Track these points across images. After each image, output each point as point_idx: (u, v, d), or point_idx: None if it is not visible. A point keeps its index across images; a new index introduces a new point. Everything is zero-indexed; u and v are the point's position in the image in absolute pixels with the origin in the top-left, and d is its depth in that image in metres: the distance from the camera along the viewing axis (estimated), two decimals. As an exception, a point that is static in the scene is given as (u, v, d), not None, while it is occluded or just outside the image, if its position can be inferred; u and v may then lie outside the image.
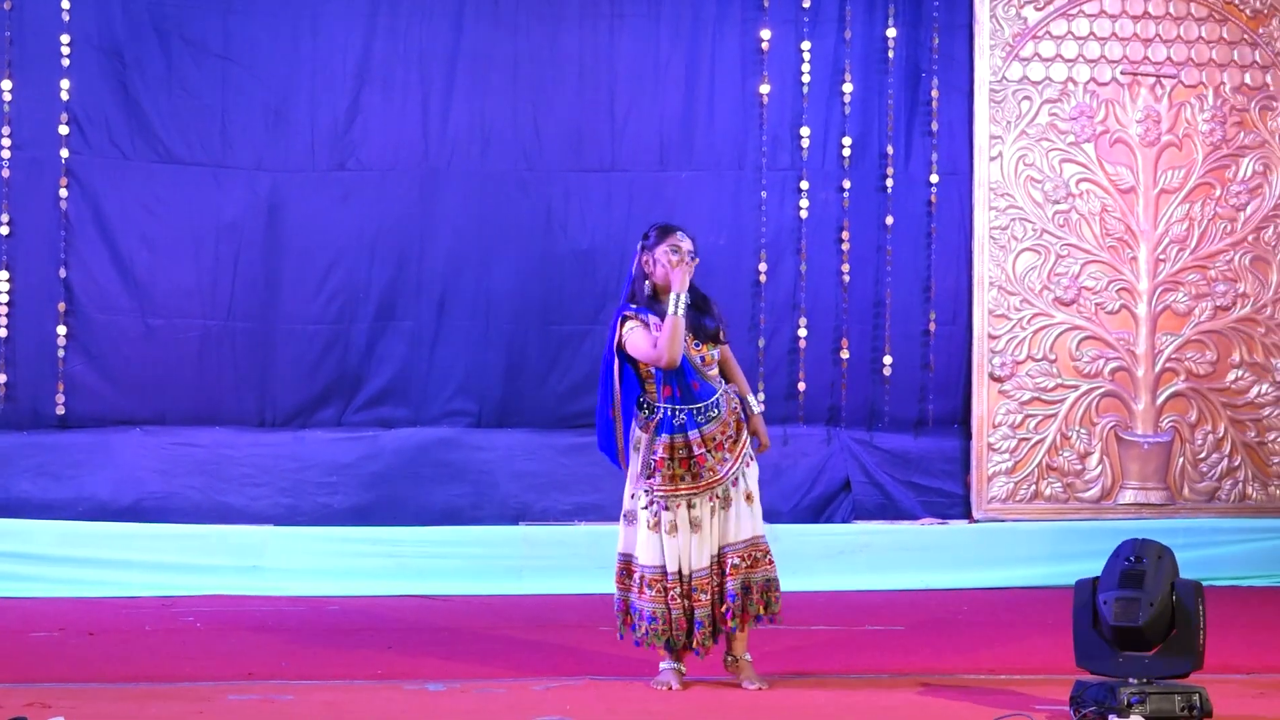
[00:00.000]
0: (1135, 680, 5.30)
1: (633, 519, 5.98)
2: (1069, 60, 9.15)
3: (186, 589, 8.11)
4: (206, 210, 8.69)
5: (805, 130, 9.02)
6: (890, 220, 9.10)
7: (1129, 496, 9.14)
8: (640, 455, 5.92)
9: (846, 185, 9.06)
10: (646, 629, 5.91)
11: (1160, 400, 9.19)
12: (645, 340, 5.85)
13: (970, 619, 7.82)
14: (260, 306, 8.74)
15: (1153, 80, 9.20)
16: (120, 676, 6.10)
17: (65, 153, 8.53)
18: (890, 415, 9.11)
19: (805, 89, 9.03)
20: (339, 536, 8.49)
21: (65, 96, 8.52)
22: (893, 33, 9.09)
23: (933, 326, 9.13)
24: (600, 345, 7.62)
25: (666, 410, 5.90)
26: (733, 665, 6.01)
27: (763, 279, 9.00)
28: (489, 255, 8.88)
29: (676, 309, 5.80)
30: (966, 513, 9.07)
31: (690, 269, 5.87)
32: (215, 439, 8.66)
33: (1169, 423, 9.19)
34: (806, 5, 9.01)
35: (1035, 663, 6.52)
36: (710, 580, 5.89)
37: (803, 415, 9.04)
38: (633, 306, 5.97)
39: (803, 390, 9.03)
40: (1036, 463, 9.11)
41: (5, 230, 8.51)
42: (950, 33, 9.13)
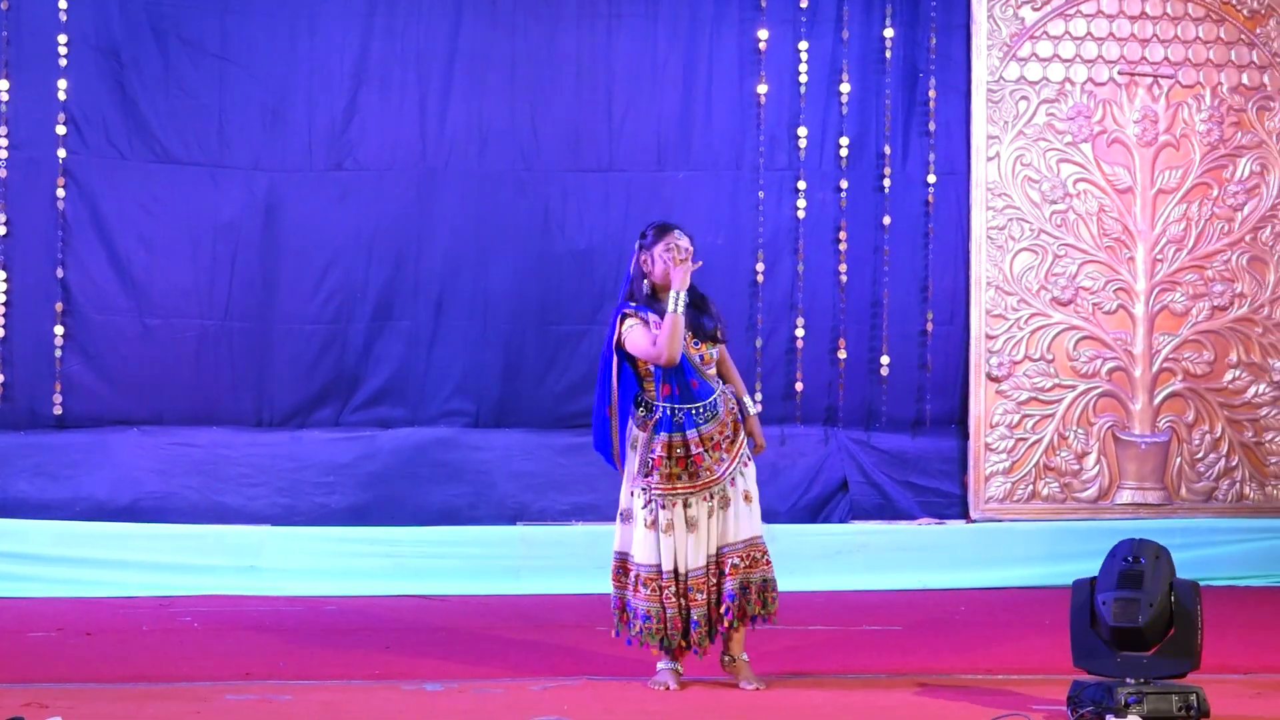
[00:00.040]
0: (1132, 680, 5.30)
1: (629, 518, 5.98)
2: (1066, 60, 9.15)
3: (184, 589, 8.11)
4: (204, 210, 8.69)
5: (803, 130, 9.02)
6: (888, 220, 9.10)
7: (1126, 496, 9.15)
8: (638, 454, 5.92)
9: (844, 185, 9.06)
10: (641, 627, 5.91)
11: (1158, 400, 9.19)
12: (645, 338, 5.85)
13: (968, 619, 7.82)
14: (258, 306, 8.74)
15: (1150, 80, 9.20)
16: (118, 676, 6.10)
17: (62, 153, 8.53)
18: (888, 415, 9.11)
19: (803, 89, 9.04)
20: (336, 536, 8.49)
21: (62, 96, 8.52)
22: (890, 33, 9.09)
23: (930, 326, 9.13)
24: (598, 345, 7.62)
25: (665, 409, 5.90)
26: (730, 665, 6.01)
27: (760, 279, 9.00)
28: (487, 255, 8.88)
29: (676, 306, 5.80)
30: (964, 513, 9.07)
31: (690, 266, 5.87)
32: (213, 439, 8.66)
33: (1166, 423, 9.19)
34: (804, 5, 9.01)
35: (1032, 663, 6.52)
36: (706, 580, 5.89)
37: (800, 415, 9.05)
38: (632, 304, 5.97)
39: (800, 390, 9.03)
40: (1034, 463, 9.11)
41: (2, 230, 8.51)
42: (948, 33, 9.13)
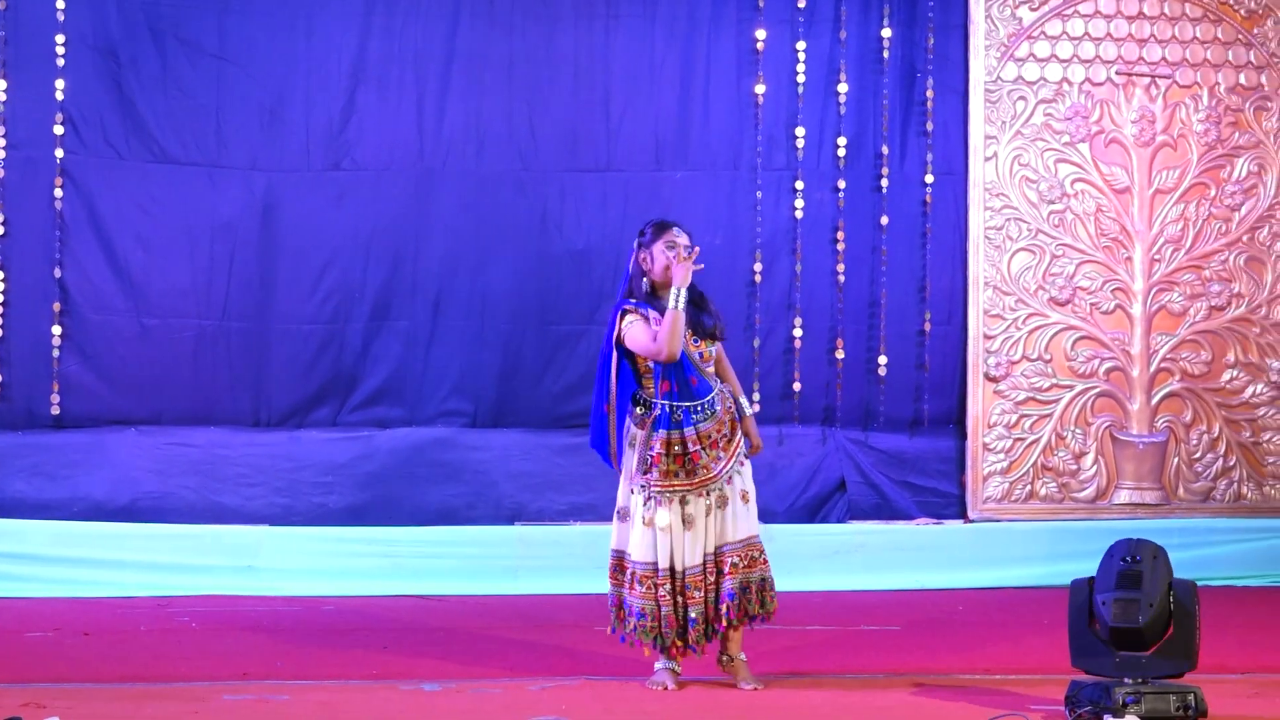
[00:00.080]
0: (1130, 680, 5.30)
1: (626, 516, 5.98)
2: (1064, 60, 9.16)
3: (182, 589, 8.11)
4: (201, 210, 8.68)
5: (800, 130, 9.02)
6: (885, 220, 9.10)
7: (1124, 496, 9.15)
8: (636, 451, 5.92)
9: (842, 185, 9.06)
10: (635, 624, 5.91)
11: (1155, 400, 9.19)
12: (645, 334, 5.85)
13: (965, 619, 7.82)
14: (255, 306, 8.73)
15: (1148, 80, 9.20)
16: (115, 676, 6.10)
17: (60, 152, 8.53)
18: (885, 415, 9.11)
19: (800, 89, 9.04)
20: (334, 536, 8.49)
21: (60, 96, 8.51)
22: (888, 33, 9.09)
23: (928, 326, 9.13)
24: (596, 345, 7.62)
25: (663, 406, 5.90)
26: (728, 665, 6.01)
27: (758, 279, 9.00)
28: (484, 255, 8.87)
29: (677, 303, 5.80)
30: (962, 513, 9.07)
31: (691, 264, 5.87)
32: (210, 439, 8.66)
33: (1164, 423, 9.19)
34: (801, 5, 9.01)
35: (1030, 662, 6.52)
36: (704, 578, 5.89)
37: (798, 415, 9.05)
38: (632, 301, 5.97)
39: (798, 390, 9.03)
40: (1032, 463, 9.11)
41: (0, 230, 8.51)
42: (945, 33, 9.14)
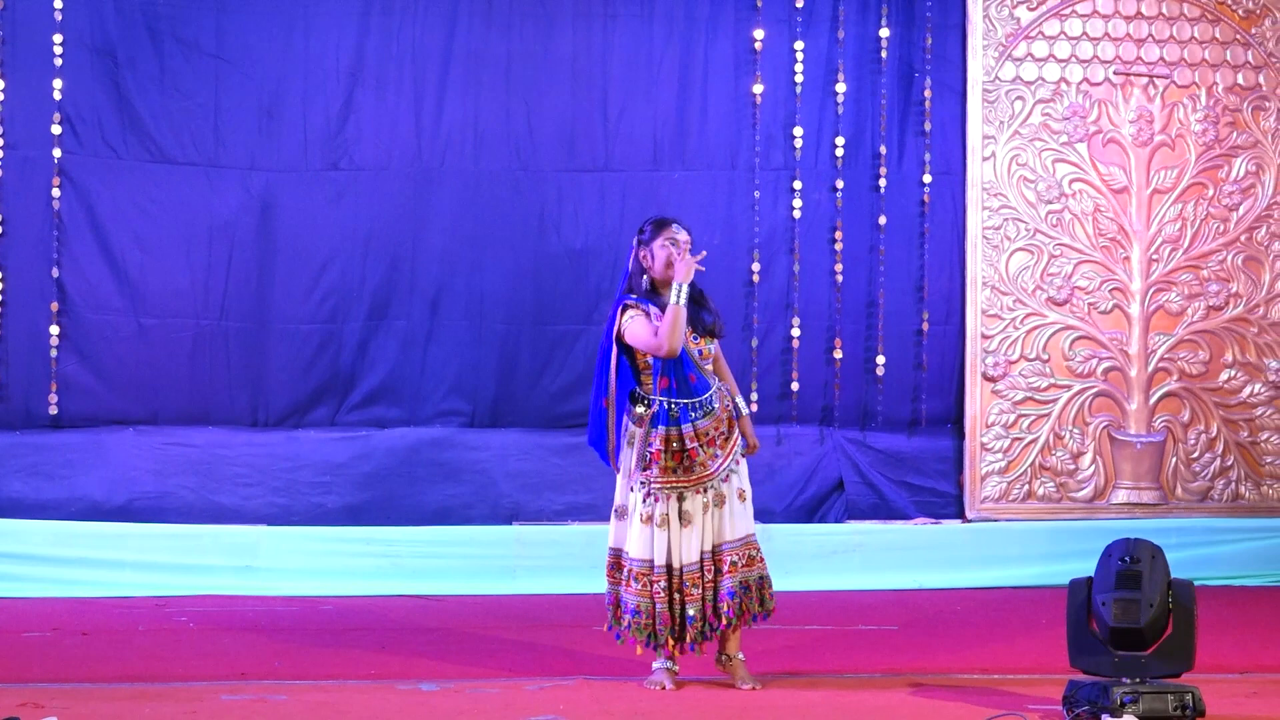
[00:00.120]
0: (1128, 680, 5.30)
1: (624, 514, 5.98)
2: (1062, 60, 9.16)
3: (180, 589, 8.10)
4: (199, 210, 8.68)
5: (798, 130, 9.02)
6: (883, 220, 9.10)
7: (1122, 496, 9.15)
8: (635, 449, 5.91)
9: (840, 185, 9.06)
10: (629, 621, 5.91)
11: (1153, 400, 9.20)
12: (646, 329, 5.85)
13: (963, 618, 7.83)
14: (253, 306, 8.73)
15: (1145, 80, 9.21)
16: (113, 676, 6.10)
17: (58, 152, 8.52)
18: (883, 415, 9.11)
19: (798, 89, 9.04)
20: (332, 536, 8.49)
21: (58, 96, 8.51)
22: (886, 33, 9.09)
23: (926, 326, 9.13)
24: (594, 345, 7.64)
25: (662, 403, 5.89)
26: (726, 665, 6.01)
27: (756, 279, 9.00)
28: (482, 255, 8.87)
29: (679, 298, 5.80)
30: (960, 512, 9.08)
31: (694, 261, 5.86)
32: (208, 439, 8.66)
33: (1162, 422, 9.19)
34: (800, 5, 9.01)
35: (1028, 662, 6.53)
36: (701, 576, 5.89)
37: (796, 415, 9.05)
38: (633, 296, 5.97)
39: (796, 390, 9.03)
40: (1029, 462, 9.12)
41: (-2, 230, 8.53)
42: (943, 32, 9.14)
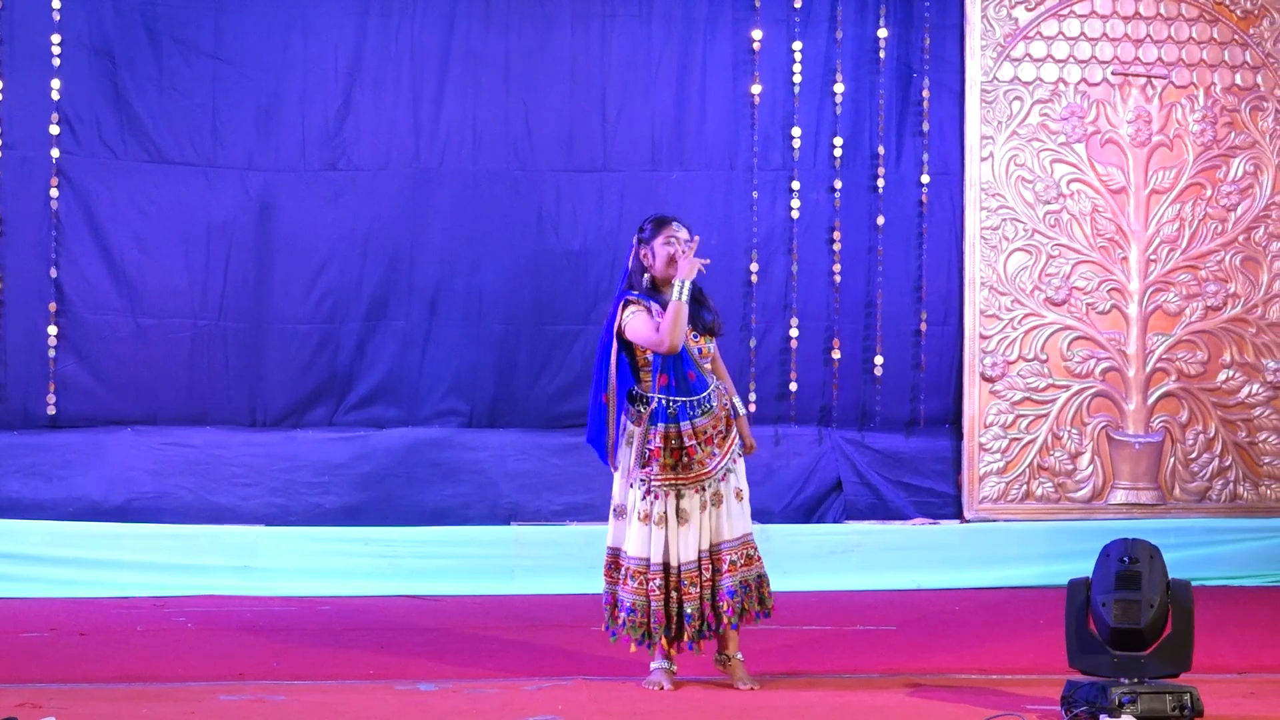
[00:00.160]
0: (1127, 680, 5.30)
1: (622, 513, 5.98)
2: (1060, 61, 9.16)
3: (178, 589, 8.10)
4: (197, 210, 8.68)
5: (797, 130, 9.02)
6: (881, 220, 9.10)
7: (1120, 496, 9.15)
8: (634, 447, 5.91)
9: (838, 185, 9.07)
10: (624, 619, 5.91)
11: (1151, 400, 9.20)
12: (647, 325, 5.85)
13: (962, 619, 7.83)
14: (251, 306, 8.73)
15: (1143, 81, 9.21)
16: (112, 677, 6.10)
17: (56, 152, 8.52)
18: (882, 415, 9.11)
19: (797, 89, 9.04)
20: (331, 537, 8.49)
21: (56, 96, 8.51)
22: (884, 33, 9.09)
23: (924, 326, 9.13)
24: (592, 345, 7.64)
25: (660, 401, 5.89)
26: (724, 665, 6.01)
27: (754, 279, 9.00)
28: (480, 255, 8.87)
29: (681, 295, 5.81)
30: (958, 513, 9.08)
31: (697, 260, 5.87)
32: (206, 439, 8.66)
33: (1160, 423, 9.20)
34: (798, 5, 9.01)
35: (1026, 662, 6.53)
36: (699, 574, 5.89)
37: (794, 415, 9.05)
38: (634, 293, 5.97)
39: (794, 390, 9.03)
40: (1028, 463, 9.12)
41: (-4, 230, 8.52)
42: (941, 33, 9.14)
